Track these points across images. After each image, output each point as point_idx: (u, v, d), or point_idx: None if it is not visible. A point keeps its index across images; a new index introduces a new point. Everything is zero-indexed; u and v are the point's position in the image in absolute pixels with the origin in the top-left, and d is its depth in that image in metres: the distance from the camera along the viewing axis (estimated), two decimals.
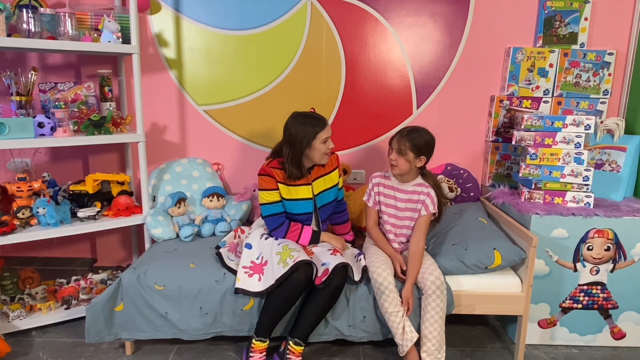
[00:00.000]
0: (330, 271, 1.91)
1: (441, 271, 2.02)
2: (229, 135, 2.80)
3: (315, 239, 2.13)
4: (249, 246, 2.12)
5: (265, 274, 1.99)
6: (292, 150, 2.04)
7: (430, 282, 1.96)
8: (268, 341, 1.99)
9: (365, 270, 2.03)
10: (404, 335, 1.94)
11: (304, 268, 1.90)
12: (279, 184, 2.09)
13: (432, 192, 2.09)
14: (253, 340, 1.97)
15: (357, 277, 2.00)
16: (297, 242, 2.09)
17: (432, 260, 2.08)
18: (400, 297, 1.97)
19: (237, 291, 2.00)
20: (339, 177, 2.24)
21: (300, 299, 1.99)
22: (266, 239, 2.10)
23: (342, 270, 1.94)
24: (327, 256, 2.01)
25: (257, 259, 2.06)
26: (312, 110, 2.16)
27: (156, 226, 2.36)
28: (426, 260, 2.06)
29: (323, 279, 1.90)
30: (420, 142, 2.04)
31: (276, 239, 2.09)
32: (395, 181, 2.16)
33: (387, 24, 2.67)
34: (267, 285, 1.95)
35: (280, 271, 1.90)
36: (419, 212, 2.09)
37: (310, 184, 2.15)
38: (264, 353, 1.97)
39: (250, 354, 1.96)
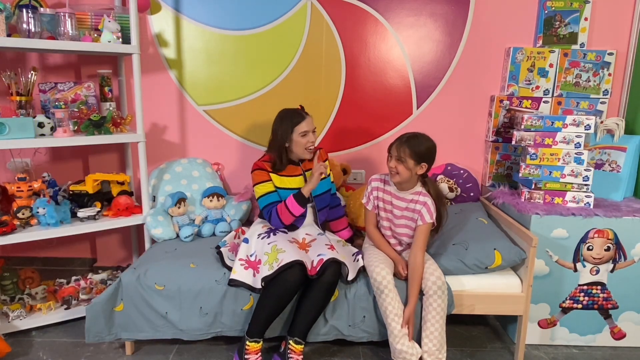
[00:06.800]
0: (324, 261, 1.91)
1: (442, 271, 2.02)
2: (229, 135, 2.80)
3: (302, 201, 2.10)
4: (246, 240, 2.15)
5: (261, 272, 1.99)
6: (275, 144, 2.14)
7: (431, 283, 1.95)
8: (262, 342, 1.97)
9: (360, 270, 2.02)
10: (404, 348, 1.92)
11: (296, 267, 1.90)
12: (271, 174, 2.15)
13: (429, 201, 2.02)
14: (247, 342, 1.95)
15: (351, 277, 1.99)
16: (294, 217, 2.09)
17: (433, 261, 2.08)
18: (401, 299, 1.96)
19: (231, 282, 2.00)
20: (329, 170, 2.26)
21: (294, 300, 1.99)
22: (262, 238, 2.10)
23: (335, 265, 1.94)
24: (323, 249, 2.01)
25: (252, 256, 2.06)
26: (299, 107, 2.21)
27: (156, 226, 2.36)
28: (427, 261, 2.05)
29: (317, 268, 1.91)
30: (420, 149, 1.97)
31: (275, 229, 2.12)
32: (394, 188, 2.11)
33: (387, 24, 2.67)
34: (259, 285, 1.96)
35: (266, 273, 1.92)
36: (416, 222, 2.05)
37: (302, 174, 2.20)
38: (259, 354, 1.96)
39: (246, 356, 1.94)
